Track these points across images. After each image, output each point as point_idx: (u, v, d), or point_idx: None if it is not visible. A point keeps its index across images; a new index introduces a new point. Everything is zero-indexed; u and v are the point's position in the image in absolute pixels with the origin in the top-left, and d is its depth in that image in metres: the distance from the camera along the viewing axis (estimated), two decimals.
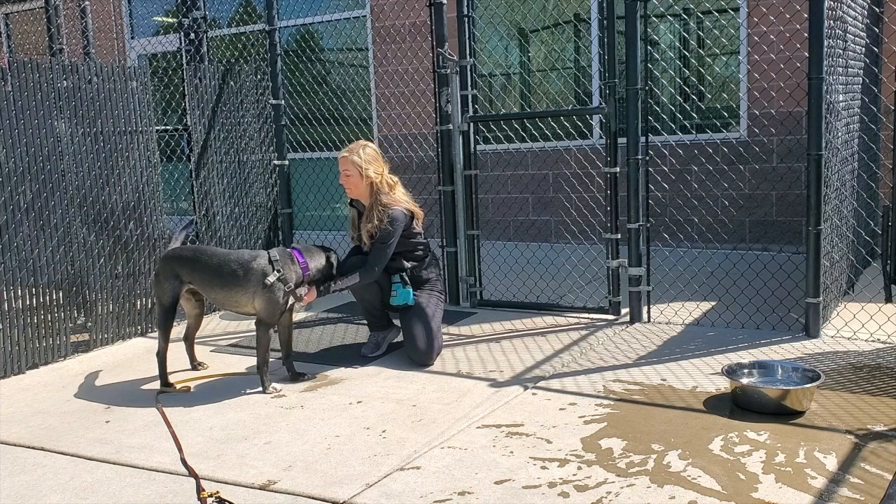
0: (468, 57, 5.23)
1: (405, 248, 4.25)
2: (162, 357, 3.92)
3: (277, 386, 3.83)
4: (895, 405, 3.29)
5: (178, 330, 5.11)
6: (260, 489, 2.78)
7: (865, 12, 5.28)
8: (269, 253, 3.79)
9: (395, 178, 4.29)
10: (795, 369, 3.48)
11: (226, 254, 3.84)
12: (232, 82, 5.65)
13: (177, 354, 4.27)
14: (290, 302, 3.82)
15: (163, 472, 2.95)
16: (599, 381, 3.75)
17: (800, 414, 3.23)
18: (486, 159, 7.62)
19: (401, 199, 4.22)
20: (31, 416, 3.60)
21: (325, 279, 3.95)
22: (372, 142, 4.40)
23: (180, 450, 3.12)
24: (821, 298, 4.26)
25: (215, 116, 5.55)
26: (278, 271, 3.72)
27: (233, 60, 5.95)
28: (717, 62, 7.18)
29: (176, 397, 3.79)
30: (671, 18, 7.04)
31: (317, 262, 3.91)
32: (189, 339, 4.22)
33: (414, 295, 4.23)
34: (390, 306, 4.32)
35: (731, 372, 3.48)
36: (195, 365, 4.22)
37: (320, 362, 4.25)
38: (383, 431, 3.25)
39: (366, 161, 4.16)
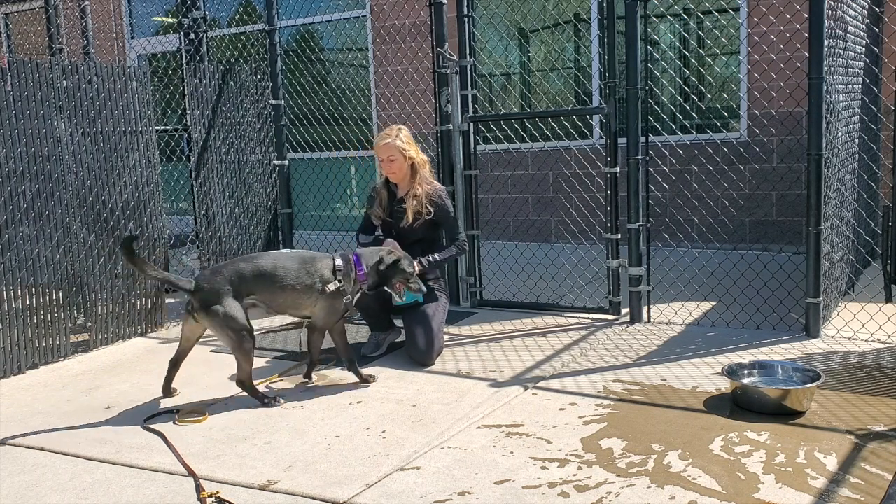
0: (468, 57, 5.23)
1: (433, 233, 4.35)
2: (249, 384, 3.66)
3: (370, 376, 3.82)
4: (895, 405, 3.28)
5: (179, 329, 5.11)
6: (260, 489, 2.78)
7: (865, 12, 5.28)
8: (333, 260, 3.72)
9: (425, 157, 4.41)
10: (796, 369, 3.48)
11: (289, 258, 3.73)
12: (232, 82, 5.65)
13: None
14: (346, 310, 3.78)
15: (163, 472, 2.95)
16: (599, 381, 3.75)
17: (800, 414, 3.23)
18: (486, 159, 7.62)
19: (433, 179, 4.45)
20: (31, 416, 3.60)
21: (384, 282, 3.86)
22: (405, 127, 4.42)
23: (177, 454, 3.11)
24: (821, 298, 4.26)
25: (215, 116, 5.55)
26: (339, 280, 3.68)
27: (233, 60, 5.95)
28: (717, 62, 7.18)
29: (176, 398, 3.78)
30: (671, 18, 7.04)
31: (374, 265, 3.80)
32: (177, 365, 3.81)
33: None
34: (392, 307, 4.32)
35: (732, 372, 3.47)
36: (171, 390, 3.80)
37: (320, 362, 4.25)
38: (383, 431, 3.25)
39: (406, 143, 4.28)
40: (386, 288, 3.90)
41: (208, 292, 3.55)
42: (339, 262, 3.71)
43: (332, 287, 3.66)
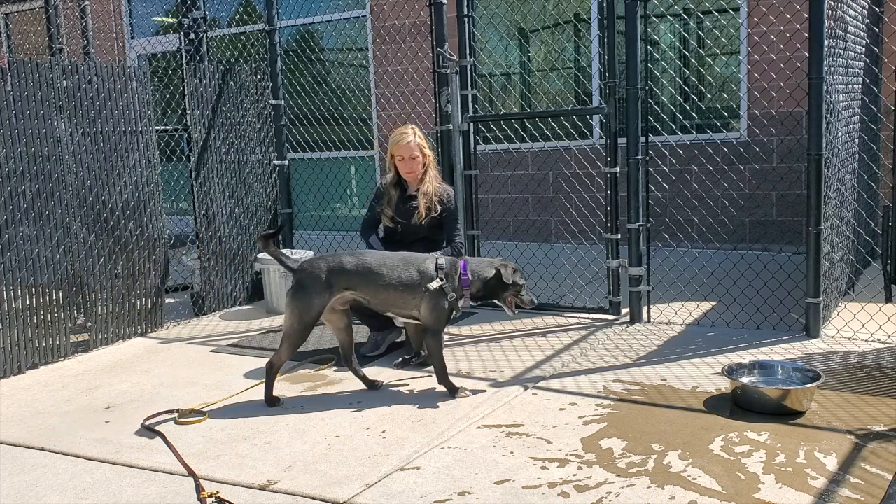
0: (468, 57, 5.23)
1: (437, 233, 4.38)
2: (275, 371, 3.65)
3: (469, 391, 3.69)
4: (895, 405, 3.28)
5: (179, 329, 5.11)
6: (260, 489, 2.78)
7: (865, 12, 5.28)
8: (436, 259, 3.71)
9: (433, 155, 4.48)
10: (796, 369, 3.48)
11: (393, 256, 3.73)
12: (232, 82, 5.65)
13: (178, 366, 4.26)
14: (453, 312, 3.74)
15: (163, 472, 2.95)
16: (599, 381, 3.75)
17: (800, 414, 3.23)
18: (486, 159, 7.62)
19: (440, 177, 4.52)
20: (31, 416, 3.60)
21: (492, 294, 3.77)
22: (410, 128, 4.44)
23: (177, 454, 3.11)
24: (821, 298, 4.26)
25: (215, 116, 5.55)
26: (441, 279, 3.64)
27: (233, 60, 5.95)
28: (717, 62, 7.18)
29: (175, 397, 3.78)
30: (671, 18, 7.04)
31: (484, 275, 3.74)
32: (349, 357, 3.83)
33: None
34: None
35: (732, 372, 3.47)
36: (371, 382, 3.81)
37: (320, 362, 4.25)
38: (383, 431, 3.25)
39: (423, 141, 4.35)
40: (497, 301, 3.82)
41: (305, 275, 3.60)
42: (441, 261, 3.70)
43: (434, 285, 3.62)
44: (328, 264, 3.63)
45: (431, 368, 4.06)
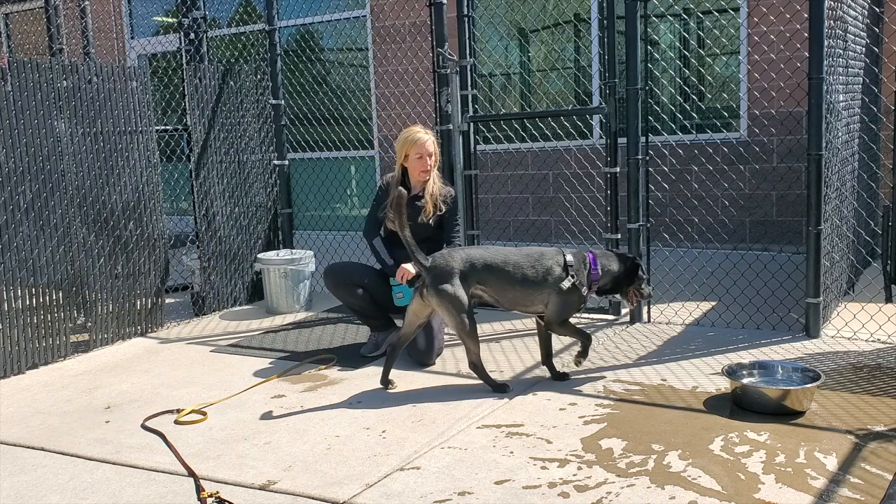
0: (468, 57, 5.23)
1: (440, 233, 4.40)
2: (480, 367, 3.69)
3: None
4: (895, 405, 3.28)
5: (179, 329, 5.11)
6: (260, 489, 2.78)
7: (865, 12, 5.28)
8: (564, 256, 3.72)
9: None
10: (795, 369, 3.48)
11: (518, 253, 3.74)
12: (232, 82, 5.65)
13: (180, 369, 4.25)
14: (581, 304, 3.78)
15: (163, 472, 2.95)
16: (599, 381, 3.75)
17: (800, 414, 3.23)
18: (486, 159, 7.62)
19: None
20: (31, 416, 3.60)
21: (618, 287, 3.82)
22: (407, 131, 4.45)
23: (177, 454, 3.11)
24: (821, 298, 4.25)
25: (215, 116, 5.55)
26: (572, 276, 3.66)
27: (233, 60, 5.95)
28: (717, 62, 7.18)
29: (175, 397, 3.79)
30: (671, 18, 7.04)
31: (612, 268, 3.78)
32: (398, 350, 3.84)
33: None
34: (392, 307, 4.32)
35: (732, 372, 3.47)
36: (389, 381, 3.80)
37: (321, 362, 4.25)
38: (383, 431, 3.25)
39: (434, 140, 4.37)
40: (618, 295, 3.88)
41: (441, 270, 3.59)
42: (569, 257, 3.70)
43: (566, 284, 3.65)
44: (461, 258, 3.65)
45: (435, 369, 4.07)
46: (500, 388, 3.66)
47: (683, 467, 2.79)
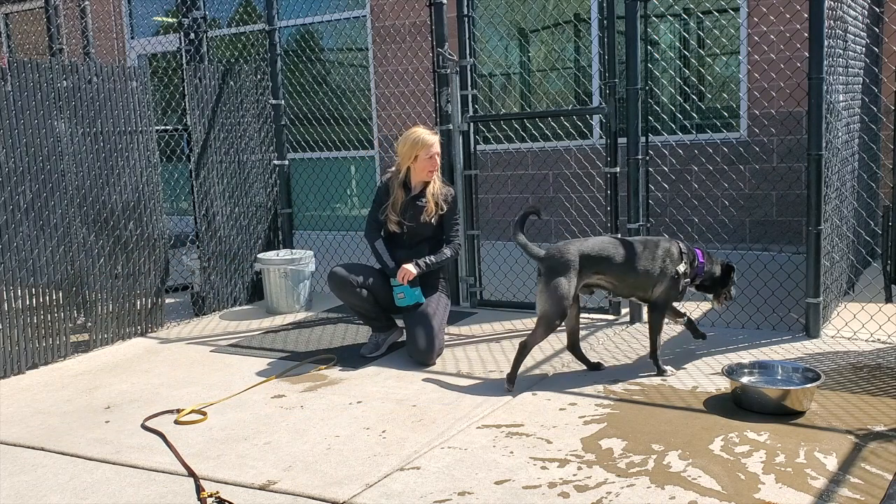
0: (468, 57, 5.23)
1: (440, 232, 4.42)
2: (527, 351, 3.76)
3: (666, 369, 3.80)
4: (895, 405, 3.28)
5: (179, 329, 5.11)
6: (260, 489, 2.78)
7: (865, 12, 5.28)
8: (678, 244, 3.81)
9: None
10: (795, 369, 3.48)
11: (635, 241, 3.82)
12: (232, 82, 5.65)
13: (182, 369, 4.25)
14: (683, 293, 3.86)
15: (163, 472, 2.95)
16: (600, 381, 3.75)
17: (800, 414, 3.23)
18: (486, 159, 7.62)
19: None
20: (31, 416, 3.60)
21: (713, 286, 3.92)
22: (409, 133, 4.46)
23: (177, 454, 3.11)
24: (821, 298, 4.25)
25: (215, 116, 5.55)
26: (686, 264, 3.76)
27: (233, 60, 5.95)
28: (717, 62, 7.18)
29: (175, 397, 3.79)
30: (671, 18, 7.04)
31: (714, 269, 3.89)
32: (576, 344, 3.95)
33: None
34: (392, 307, 4.32)
35: (732, 372, 3.47)
36: (594, 364, 3.93)
37: (320, 362, 4.25)
38: (383, 431, 3.25)
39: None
40: (709, 294, 3.96)
41: (557, 262, 3.68)
42: (682, 246, 3.80)
43: (682, 268, 3.75)
44: (577, 249, 3.72)
45: (435, 369, 4.07)
46: (512, 378, 3.71)
47: (683, 467, 2.79)
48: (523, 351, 3.74)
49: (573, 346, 3.96)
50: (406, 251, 4.34)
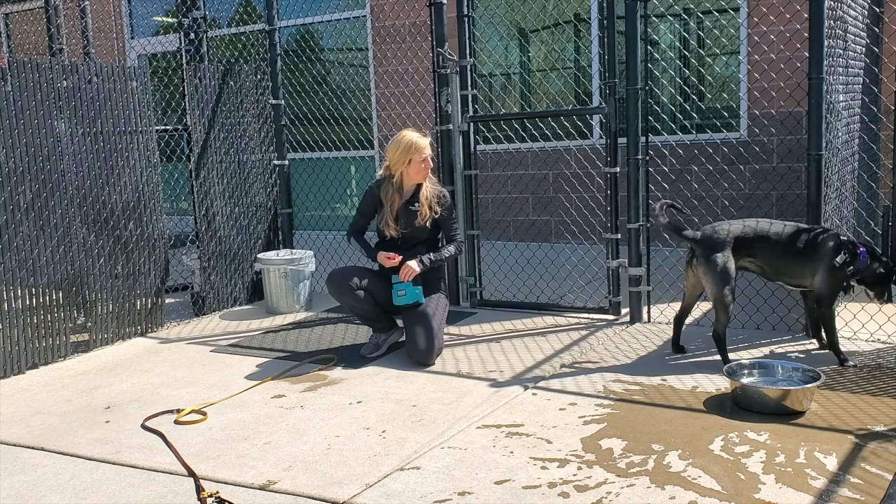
0: (468, 57, 5.23)
1: (436, 233, 4.44)
2: (724, 338, 3.86)
3: (848, 358, 3.82)
4: (895, 405, 3.28)
5: (179, 329, 5.11)
6: (260, 489, 2.78)
7: (865, 12, 5.28)
8: (838, 235, 3.83)
9: None
10: (796, 369, 3.48)
11: (789, 226, 3.86)
12: (232, 82, 5.65)
13: (184, 370, 4.25)
14: (847, 285, 3.86)
15: (163, 472, 2.95)
16: (599, 381, 3.75)
17: (800, 414, 3.23)
18: (486, 159, 7.62)
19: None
20: (31, 416, 3.60)
21: (871, 283, 3.91)
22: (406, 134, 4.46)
23: (177, 454, 3.12)
24: None
25: (215, 116, 5.55)
26: (845, 254, 3.75)
27: (233, 60, 5.95)
28: (717, 62, 7.18)
29: (175, 397, 3.79)
30: (671, 18, 7.04)
31: (873, 264, 3.86)
32: (681, 321, 4.13)
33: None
34: (392, 307, 4.32)
35: (732, 372, 3.47)
36: (680, 347, 4.11)
37: (321, 362, 4.25)
38: (383, 431, 3.25)
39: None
40: (867, 289, 3.95)
41: (713, 241, 3.80)
42: (843, 237, 3.81)
43: (840, 259, 3.74)
44: (730, 230, 3.82)
45: (435, 369, 4.07)
46: (727, 361, 3.73)
47: (683, 467, 2.79)
48: (720, 340, 3.83)
49: (678, 321, 4.11)
50: (403, 252, 4.34)
